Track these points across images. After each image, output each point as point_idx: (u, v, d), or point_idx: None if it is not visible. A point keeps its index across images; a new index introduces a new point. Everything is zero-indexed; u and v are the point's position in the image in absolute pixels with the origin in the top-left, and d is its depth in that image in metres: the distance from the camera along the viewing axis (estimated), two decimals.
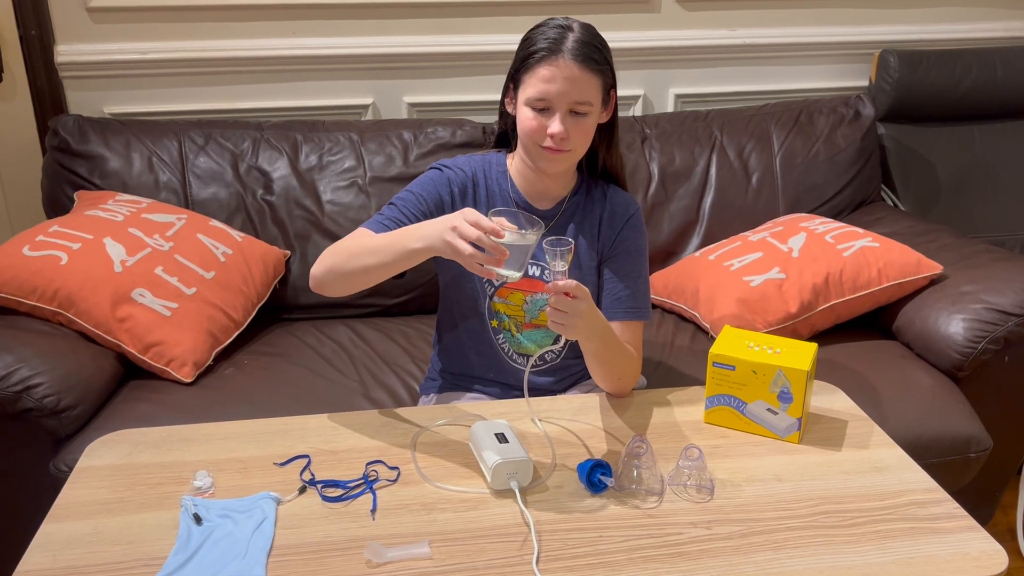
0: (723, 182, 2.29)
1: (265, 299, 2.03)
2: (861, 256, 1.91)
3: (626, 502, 1.22)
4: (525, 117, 1.39)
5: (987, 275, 1.86)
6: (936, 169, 2.52)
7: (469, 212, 1.19)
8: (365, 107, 2.43)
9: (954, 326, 1.79)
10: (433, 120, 2.28)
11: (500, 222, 1.19)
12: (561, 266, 1.24)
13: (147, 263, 1.81)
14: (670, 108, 2.58)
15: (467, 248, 1.17)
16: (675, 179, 2.29)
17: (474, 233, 1.16)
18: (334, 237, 2.13)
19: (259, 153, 2.18)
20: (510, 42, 2.36)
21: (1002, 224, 2.49)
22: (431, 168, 1.51)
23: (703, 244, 2.24)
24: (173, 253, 1.87)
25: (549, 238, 1.24)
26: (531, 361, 1.41)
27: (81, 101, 2.31)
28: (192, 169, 2.14)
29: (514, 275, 1.21)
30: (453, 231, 1.18)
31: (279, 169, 2.17)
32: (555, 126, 1.36)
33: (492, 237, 1.16)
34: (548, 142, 1.38)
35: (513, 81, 1.43)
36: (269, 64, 2.34)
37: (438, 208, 1.46)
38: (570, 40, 1.36)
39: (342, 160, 2.20)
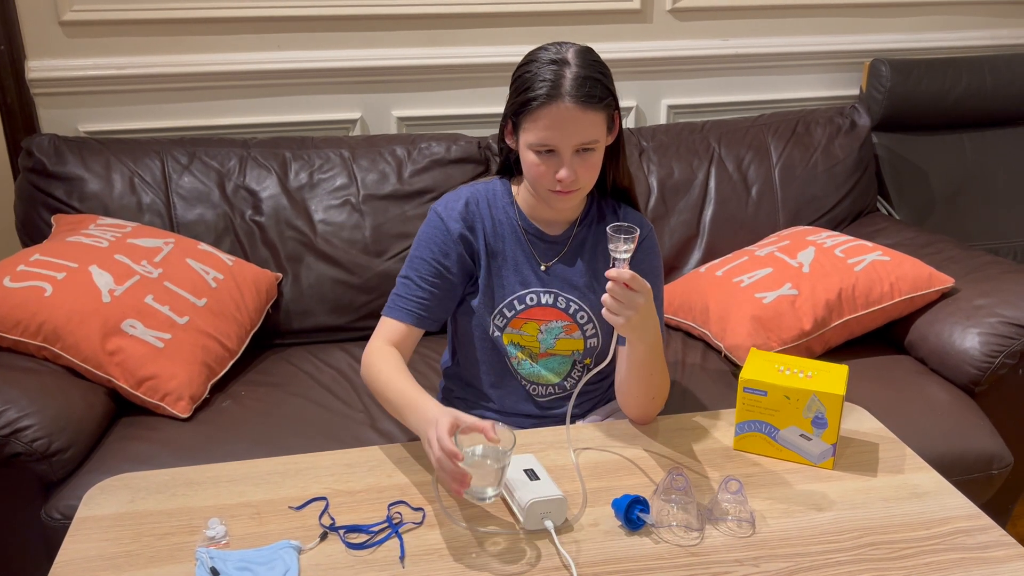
0: (723, 195, 2.26)
1: (258, 325, 1.94)
2: (873, 270, 1.88)
3: (666, 539, 1.17)
4: (530, 162, 1.32)
5: (999, 288, 1.85)
6: (929, 178, 2.52)
7: (442, 424, 1.14)
8: (353, 122, 2.36)
9: (970, 340, 1.77)
10: (426, 135, 2.22)
11: (476, 433, 1.16)
12: (624, 252, 1.20)
13: (136, 291, 1.72)
14: (663, 119, 2.55)
15: (434, 463, 1.16)
16: (674, 192, 2.25)
17: (435, 455, 1.14)
18: (328, 258, 2.06)
19: (246, 172, 2.09)
20: (501, 54, 2.37)
21: (996, 232, 2.49)
22: (431, 213, 1.45)
23: (704, 259, 2.21)
24: (163, 280, 1.78)
25: (613, 224, 1.20)
26: (574, 396, 1.38)
27: (54, 119, 2.20)
28: (176, 190, 2.05)
29: (486, 493, 1.15)
30: (426, 443, 1.19)
31: (268, 188, 2.09)
32: (563, 172, 1.30)
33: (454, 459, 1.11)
34: (558, 186, 1.32)
35: (512, 121, 1.35)
36: (253, 78, 2.26)
37: (449, 261, 1.42)
38: (568, 79, 1.27)
39: (333, 178, 2.12)
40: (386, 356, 1.38)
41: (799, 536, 1.18)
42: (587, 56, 1.31)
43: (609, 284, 1.22)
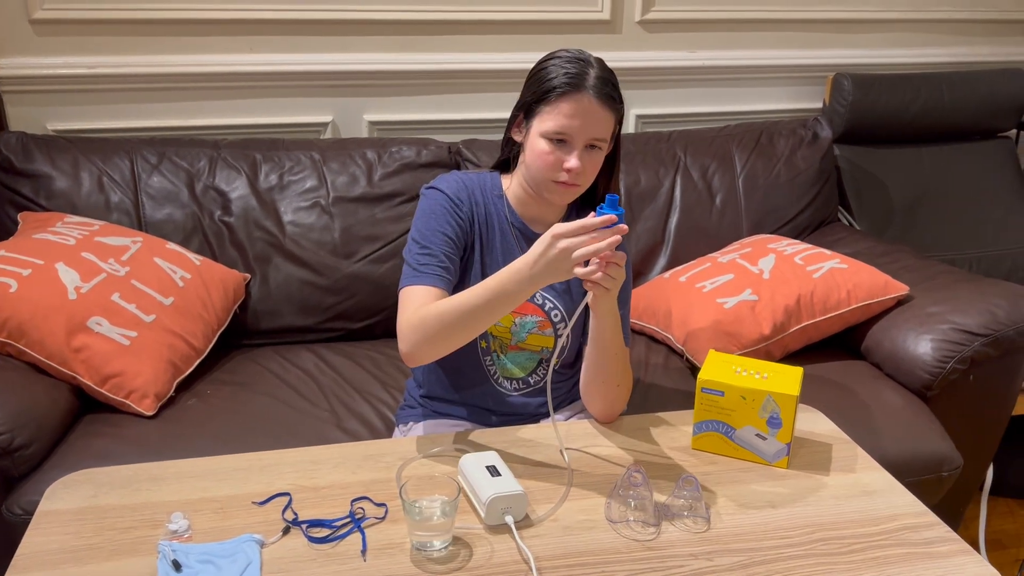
0: (688, 203, 2.30)
1: (225, 325, 1.95)
2: (831, 277, 1.93)
3: (623, 534, 1.19)
4: (541, 150, 1.36)
5: (952, 296, 1.90)
6: (888, 190, 2.58)
7: (562, 230, 1.18)
8: (324, 125, 2.37)
9: (923, 346, 1.82)
10: (397, 139, 2.24)
11: (422, 486, 1.17)
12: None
13: (103, 289, 1.72)
14: (631, 129, 2.59)
15: (585, 263, 1.21)
16: (641, 200, 2.29)
17: (593, 248, 1.17)
18: (296, 259, 2.07)
19: (216, 172, 2.10)
20: (472, 61, 2.40)
21: (951, 243, 2.56)
22: (428, 190, 1.45)
23: (669, 265, 2.25)
24: (130, 278, 1.78)
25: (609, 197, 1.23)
26: (552, 366, 1.42)
27: (22, 117, 2.19)
28: (145, 189, 2.05)
29: (433, 546, 1.15)
30: (565, 253, 1.18)
31: (237, 189, 2.10)
32: (573, 161, 1.35)
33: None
34: (563, 177, 1.36)
35: (526, 111, 1.40)
36: (225, 80, 2.27)
37: (460, 229, 1.42)
38: (592, 76, 1.34)
39: (303, 180, 2.13)
40: (429, 303, 1.33)
41: (752, 532, 1.21)
42: (605, 65, 1.39)
43: (609, 244, 1.21)
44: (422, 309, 1.31)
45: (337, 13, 2.27)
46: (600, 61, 1.39)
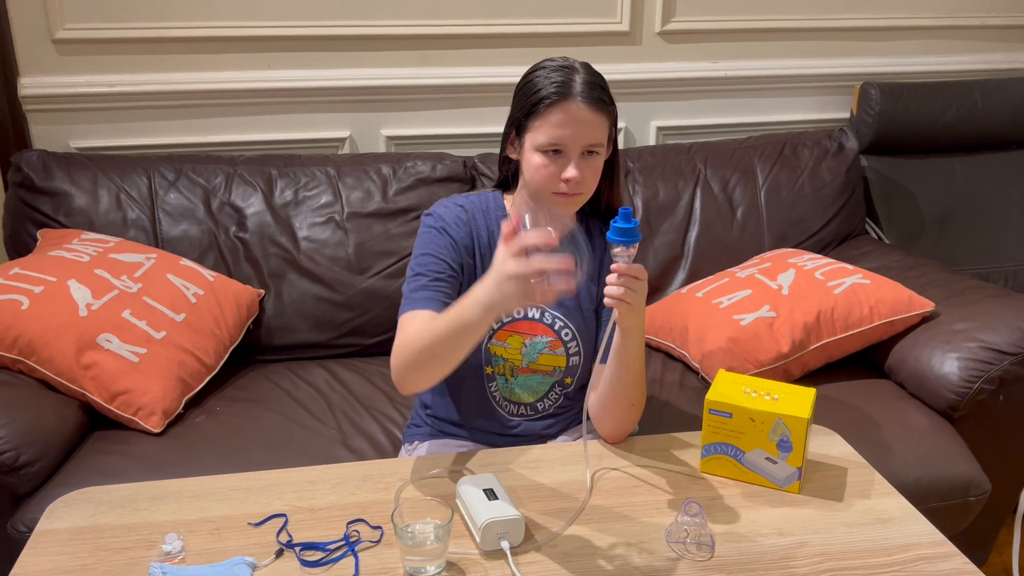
0: (708, 216, 2.26)
1: (238, 341, 1.95)
2: (852, 293, 1.87)
3: (623, 561, 1.16)
4: (537, 164, 1.34)
5: (979, 312, 1.83)
6: (918, 201, 2.51)
7: (504, 249, 1.10)
8: (342, 140, 2.37)
9: (949, 365, 1.75)
10: (412, 154, 2.23)
11: (416, 510, 1.15)
12: (633, 249, 1.23)
13: (114, 306, 1.73)
14: (652, 141, 2.55)
15: (537, 287, 1.07)
16: (659, 213, 2.25)
17: (538, 264, 1.06)
18: (310, 275, 2.07)
19: (232, 189, 2.11)
20: (489, 75, 2.38)
21: (985, 257, 2.47)
22: (425, 219, 1.44)
23: (689, 280, 2.20)
24: (142, 295, 1.79)
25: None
26: (586, 408, 1.37)
27: (45, 135, 2.23)
28: (162, 206, 2.07)
29: (427, 571, 1.12)
30: (511, 280, 1.08)
31: (253, 205, 2.10)
32: (571, 171, 1.32)
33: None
34: (563, 187, 1.34)
35: (517, 127, 1.38)
36: (242, 97, 2.28)
37: (453, 258, 1.40)
38: (578, 82, 1.32)
39: (319, 195, 2.13)
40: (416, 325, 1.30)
41: (758, 561, 1.16)
42: (591, 68, 1.37)
43: (622, 279, 1.23)
44: (410, 338, 1.28)
45: (353, 29, 2.27)
46: (586, 65, 1.36)
